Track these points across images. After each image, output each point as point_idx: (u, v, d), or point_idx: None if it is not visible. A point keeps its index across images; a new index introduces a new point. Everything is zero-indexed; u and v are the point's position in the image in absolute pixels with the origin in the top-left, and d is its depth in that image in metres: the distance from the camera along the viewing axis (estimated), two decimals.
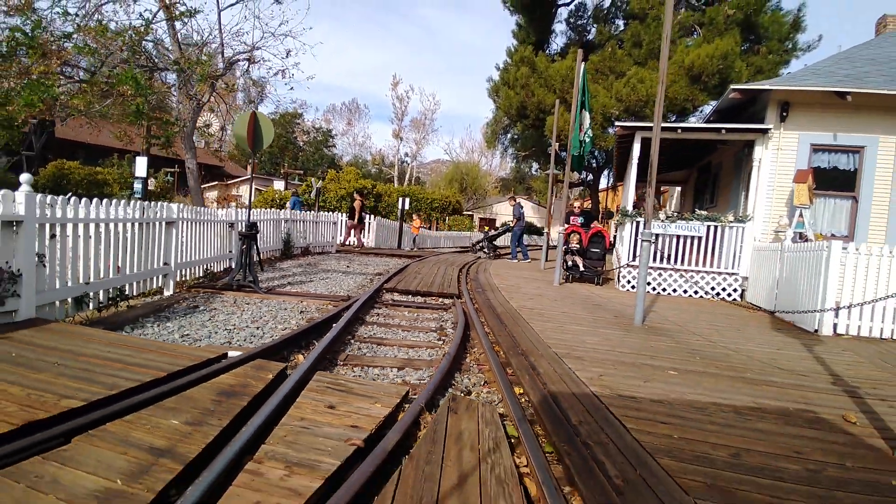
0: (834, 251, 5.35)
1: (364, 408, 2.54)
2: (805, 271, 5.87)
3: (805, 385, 3.48)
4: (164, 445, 1.96)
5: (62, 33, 9.53)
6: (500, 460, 2.12)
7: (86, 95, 9.64)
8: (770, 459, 2.24)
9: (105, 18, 10.38)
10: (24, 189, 3.62)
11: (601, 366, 3.62)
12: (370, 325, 4.97)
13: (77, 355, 2.94)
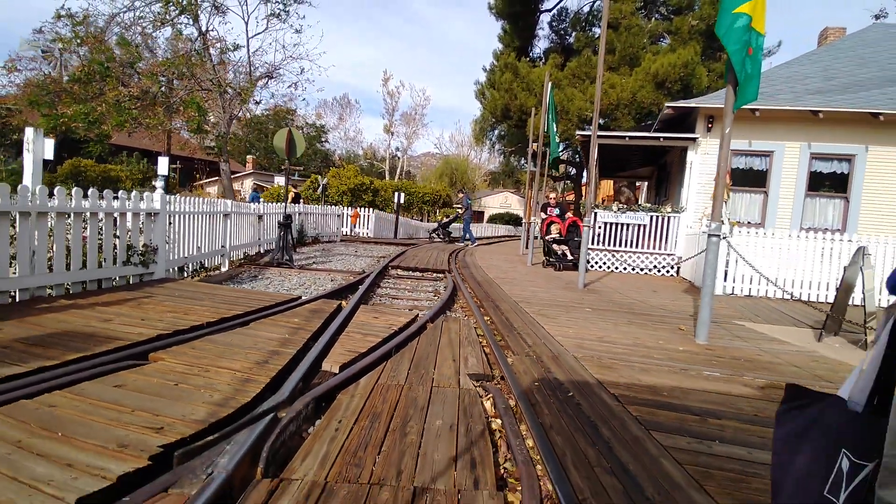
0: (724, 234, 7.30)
1: (393, 318, 4.39)
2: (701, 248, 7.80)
3: (668, 316, 5.39)
4: (298, 323, 3.80)
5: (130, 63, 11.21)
6: (470, 337, 3.98)
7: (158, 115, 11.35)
8: (620, 338, 4.13)
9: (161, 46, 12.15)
10: (158, 191, 5.40)
11: (542, 305, 5.50)
12: (384, 287, 6.82)
13: (214, 295, 4.76)
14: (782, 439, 1.40)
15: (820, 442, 1.26)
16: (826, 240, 7.59)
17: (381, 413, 2.38)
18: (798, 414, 1.37)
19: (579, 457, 2.06)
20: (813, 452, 1.27)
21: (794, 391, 1.39)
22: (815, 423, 1.28)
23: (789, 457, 1.33)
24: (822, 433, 1.26)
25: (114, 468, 1.70)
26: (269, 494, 1.63)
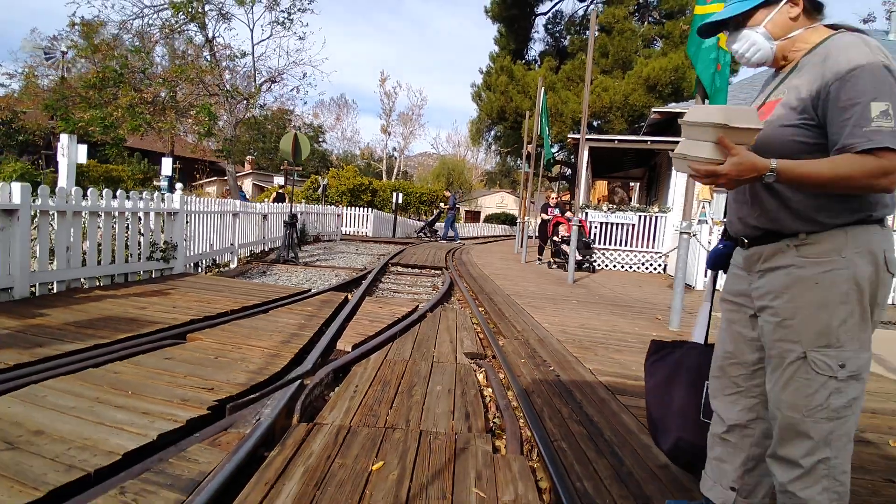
0: (703, 232, 7.77)
1: (396, 308, 4.83)
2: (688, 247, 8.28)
3: (648, 308, 5.85)
4: (311, 313, 4.24)
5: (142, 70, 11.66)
6: (466, 324, 4.43)
7: (170, 120, 11.79)
8: (600, 325, 4.58)
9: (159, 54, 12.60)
10: (178, 192, 5.82)
11: (532, 298, 5.95)
12: (386, 282, 7.26)
13: (232, 287, 5.20)
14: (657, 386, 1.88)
15: (687, 379, 1.74)
16: None
17: (391, 381, 2.82)
18: (663, 364, 1.85)
19: (554, 413, 2.51)
20: (685, 389, 1.75)
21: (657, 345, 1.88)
22: (680, 366, 1.77)
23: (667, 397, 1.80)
24: (686, 372, 1.74)
25: (181, 415, 2.14)
26: (307, 433, 2.08)
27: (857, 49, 1.19)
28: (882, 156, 1.11)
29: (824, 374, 1.22)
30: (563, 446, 2.14)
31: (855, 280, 1.22)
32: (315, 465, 1.83)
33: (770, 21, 1.33)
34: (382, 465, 1.87)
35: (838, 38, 1.25)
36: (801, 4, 1.31)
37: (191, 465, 1.78)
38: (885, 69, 1.15)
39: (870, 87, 1.14)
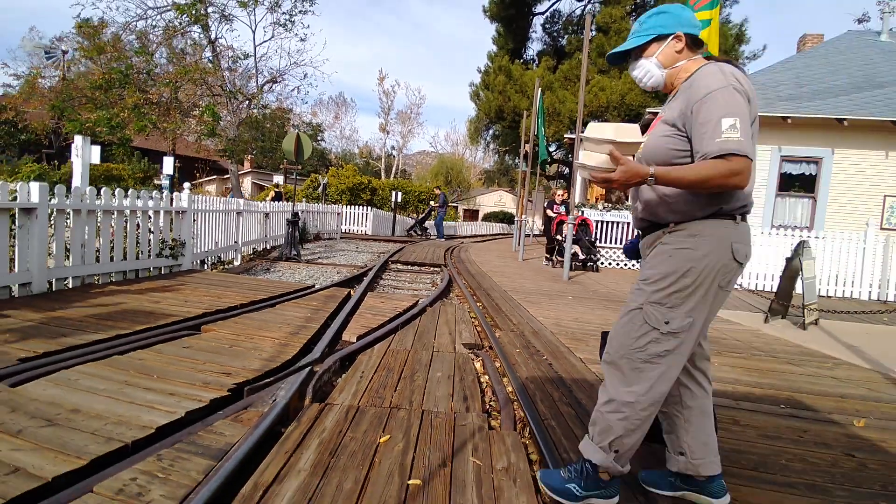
0: None
1: (397, 302, 5.03)
2: None
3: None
4: (316, 307, 4.44)
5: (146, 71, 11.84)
6: (464, 318, 4.63)
7: (176, 120, 11.98)
8: (593, 319, 4.79)
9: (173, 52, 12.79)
10: (186, 191, 6.01)
11: (529, 294, 6.16)
12: (386, 279, 7.46)
13: (239, 283, 5.39)
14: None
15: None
16: (794, 237, 8.28)
17: (394, 368, 3.02)
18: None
19: (546, 396, 2.71)
20: None
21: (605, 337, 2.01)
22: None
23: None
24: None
25: (204, 395, 2.34)
26: (320, 412, 2.28)
27: (714, 76, 1.47)
28: (731, 160, 1.38)
29: (650, 325, 1.55)
30: (552, 424, 2.35)
31: (700, 260, 1.51)
32: (328, 438, 2.04)
33: (661, 53, 1.64)
34: (389, 439, 2.07)
35: (704, 67, 1.53)
36: (683, 40, 1.61)
37: (217, 437, 1.98)
38: (734, 91, 1.44)
39: (721, 107, 1.42)
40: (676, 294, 1.53)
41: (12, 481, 1.61)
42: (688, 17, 1.64)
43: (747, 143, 1.40)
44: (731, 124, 1.39)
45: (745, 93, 1.46)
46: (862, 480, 1.98)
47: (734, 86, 1.44)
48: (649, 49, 1.65)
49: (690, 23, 1.63)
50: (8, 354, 2.73)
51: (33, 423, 1.99)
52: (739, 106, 1.42)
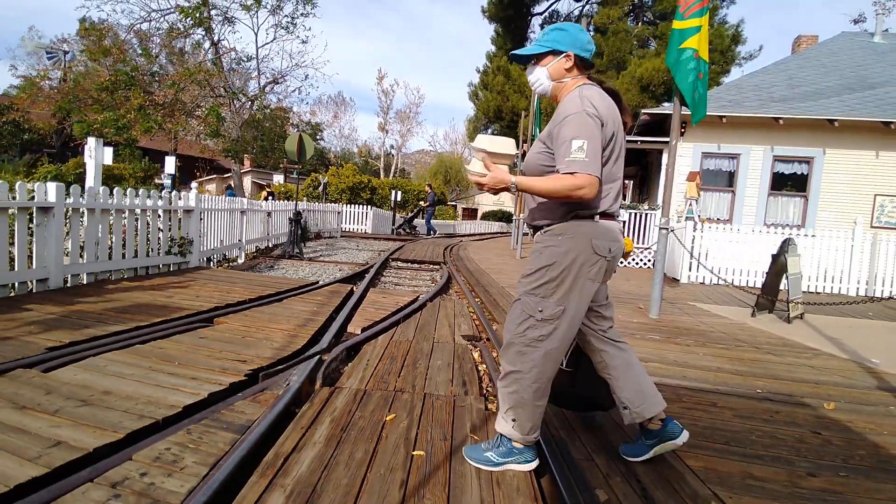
0: (688, 230, 8.19)
1: (398, 298, 5.23)
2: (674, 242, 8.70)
3: (632, 299, 6.27)
4: (321, 301, 4.64)
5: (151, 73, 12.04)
6: (463, 312, 4.83)
7: (181, 121, 12.17)
8: None
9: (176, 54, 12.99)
10: (193, 191, 6.20)
11: None
12: (387, 276, 7.65)
13: (246, 279, 5.58)
14: None
15: None
16: (781, 234, 8.49)
17: (397, 357, 3.22)
18: None
19: None
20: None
21: None
22: None
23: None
24: None
25: (224, 380, 2.54)
26: (330, 394, 2.48)
27: (573, 103, 1.72)
28: (575, 176, 1.64)
29: (527, 313, 1.80)
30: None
31: (564, 255, 1.76)
32: (339, 416, 2.24)
33: (552, 66, 1.86)
34: (394, 417, 2.27)
35: (570, 94, 1.79)
36: (573, 60, 1.84)
37: (239, 415, 2.18)
38: (587, 116, 1.67)
39: (573, 130, 1.67)
40: (546, 285, 1.78)
41: (56, 453, 1.80)
42: (583, 40, 1.86)
43: (592, 163, 1.64)
44: (579, 146, 1.64)
45: (599, 117, 1.69)
46: (825, 454, 2.19)
47: (588, 111, 1.68)
48: (545, 59, 1.87)
49: (584, 46, 1.85)
50: (36, 344, 2.92)
51: (69, 404, 2.18)
52: (589, 129, 1.66)
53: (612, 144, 1.76)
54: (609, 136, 1.73)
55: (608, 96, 1.81)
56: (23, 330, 3.16)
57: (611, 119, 1.74)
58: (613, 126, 1.75)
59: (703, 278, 8.39)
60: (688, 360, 3.54)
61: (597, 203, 1.78)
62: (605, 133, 1.72)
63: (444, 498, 1.67)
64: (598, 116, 1.69)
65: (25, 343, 2.91)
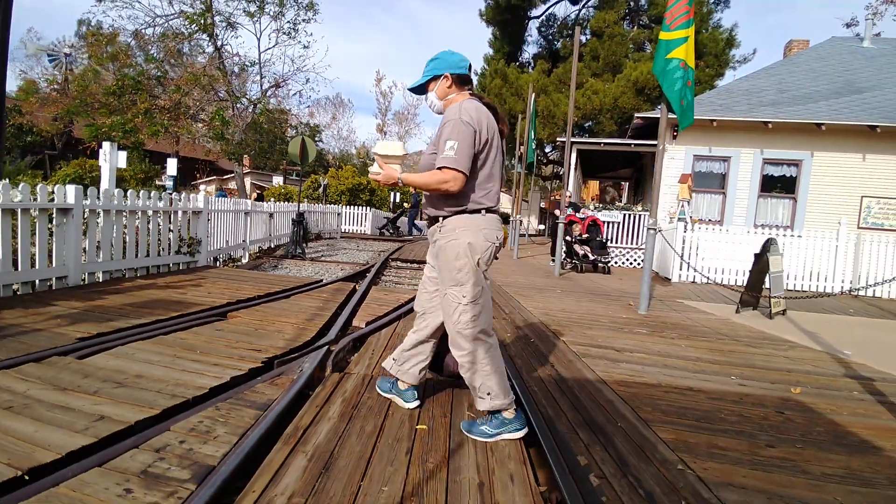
0: (678, 231, 8.45)
1: (399, 295, 5.48)
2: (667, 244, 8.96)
3: (624, 297, 6.53)
4: (326, 298, 4.89)
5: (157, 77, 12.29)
6: None
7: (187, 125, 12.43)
8: (578, 309, 5.25)
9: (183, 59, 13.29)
10: (202, 193, 6.44)
11: (521, 288, 6.61)
12: (388, 276, 7.90)
13: (253, 278, 5.83)
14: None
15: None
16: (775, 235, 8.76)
17: None
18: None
19: (529, 367, 3.17)
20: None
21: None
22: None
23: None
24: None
25: (243, 366, 2.79)
26: (340, 378, 2.72)
27: (452, 112, 2.08)
28: (443, 171, 2.01)
29: (455, 302, 2.11)
30: (535, 389, 2.81)
31: (464, 246, 2.09)
32: (350, 396, 2.48)
33: (437, 89, 2.24)
34: None
35: (451, 105, 2.15)
36: (451, 79, 2.21)
37: (259, 395, 2.43)
38: (461, 122, 2.02)
39: (448, 133, 2.03)
40: (459, 274, 2.10)
41: (100, 425, 2.04)
42: (454, 60, 2.22)
43: (459, 160, 2.00)
44: (451, 146, 2.01)
45: (472, 124, 2.03)
46: (785, 430, 2.44)
47: (463, 119, 2.03)
48: (431, 85, 2.25)
49: (457, 65, 2.21)
50: (66, 335, 3.16)
51: (106, 385, 2.43)
52: (462, 134, 2.01)
53: (487, 149, 2.10)
54: (483, 141, 2.08)
55: (485, 108, 2.16)
56: (51, 323, 3.40)
57: (485, 127, 2.08)
58: (488, 133, 2.09)
59: (694, 277, 8.66)
60: (670, 350, 3.80)
61: (480, 200, 2.14)
62: (480, 139, 2.07)
63: (444, 462, 1.92)
64: (471, 124, 2.03)
65: (56, 334, 3.15)
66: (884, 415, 2.74)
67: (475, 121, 2.04)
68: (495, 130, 2.15)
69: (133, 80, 11.71)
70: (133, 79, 11.73)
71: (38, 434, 1.92)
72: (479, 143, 2.06)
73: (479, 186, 2.13)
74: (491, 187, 2.15)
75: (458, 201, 2.12)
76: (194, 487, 1.63)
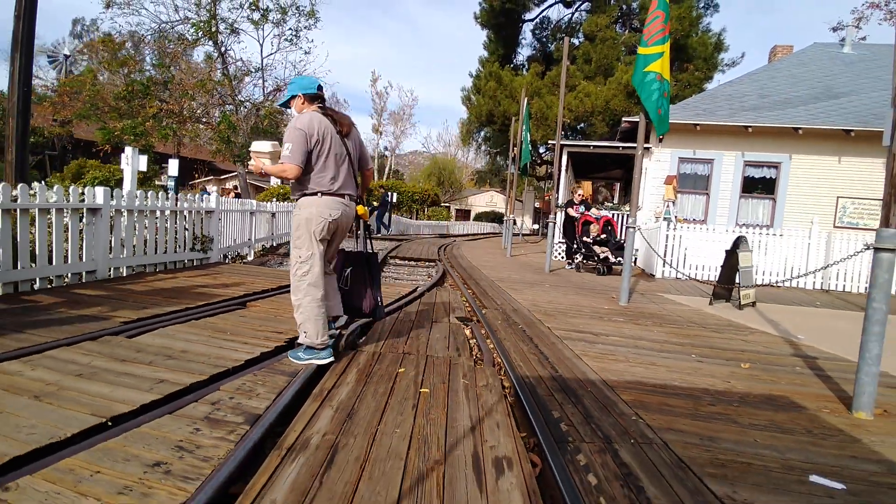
0: (662, 230, 8.96)
1: (400, 288, 5.93)
2: (651, 242, 9.47)
3: (608, 291, 7.01)
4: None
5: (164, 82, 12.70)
6: (457, 300, 5.55)
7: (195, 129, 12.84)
8: (564, 301, 5.72)
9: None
10: (214, 194, 6.87)
11: (513, 283, 7.09)
12: (388, 272, 8.36)
13: (264, 273, 6.27)
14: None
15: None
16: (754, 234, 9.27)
17: (403, 332, 3.93)
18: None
19: (517, 349, 3.64)
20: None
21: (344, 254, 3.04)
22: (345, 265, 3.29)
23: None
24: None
25: (269, 344, 3.24)
26: (353, 354, 3.18)
27: (294, 121, 2.82)
28: (283, 165, 2.76)
29: (295, 259, 2.89)
30: (520, 363, 3.28)
31: (304, 219, 2.85)
32: (363, 367, 2.95)
33: (295, 105, 2.98)
34: (404, 370, 2.98)
35: (297, 116, 2.88)
36: (302, 98, 2.94)
37: (287, 366, 2.88)
38: (295, 129, 2.75)
39: (287, 137, 2.77)
40: (299, 239, 2.89)
41: (162, 386, 2.49)
42: (305, 84, 2.97)
43: (293, 157, 2.72)
44: (289, 147, 2.74)
45: (303, 129, 2.75)
46: (727, 394, 2.93)
47: (298, 127, 2.76)
48: (291, 102, 3.00)
49: (307, 87, 2.95)
50: (110, 319, 3.60)
51: (158, 358, 2.87)
52: (296, 138, 2.73)
53: (318, 148, 2.82)
54: (315, 141, 2.79)
55: (321, 117, 2.86)
56: (94, 310, 3.83)
57: (317, 131, 2.80)
58: (319, 135, 2.80)
59: (676, 274, 9.17)
60: (642, 335, 4.28)
61: (316, 185, 2.85)
62: (311, 140, 2.78)
63: (443, 415, 2.38)
64: (302, 129, 2.75)
65: (102, 319, 3.59)
66: (816, 385, 3.23)
67: (306, 126, 2.77)
68: (330, 132, 2.85)
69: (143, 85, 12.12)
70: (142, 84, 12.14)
71: (111, 393, 2.36)
72: (310, 143, 2.78)
73: (316, 174, 2.85)
74: (325, 175, 2.86)
75: (302, 186, 2.87)
76: (248, 428, 2.09)
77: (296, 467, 1.80)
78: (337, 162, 2.89)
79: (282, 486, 1.66)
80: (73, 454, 1.80)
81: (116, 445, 1.87)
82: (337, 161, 2.89)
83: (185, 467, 1.75)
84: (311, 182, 2.85)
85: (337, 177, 2.90)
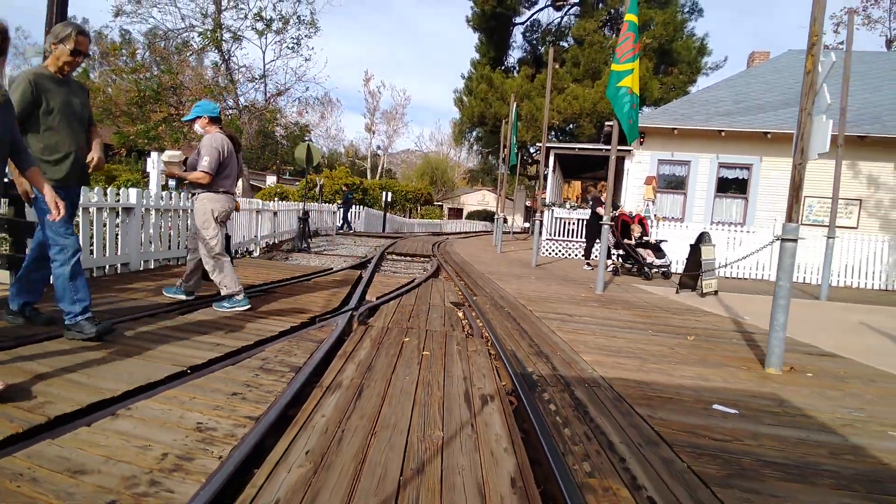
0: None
1: (399, 279, 6.60)
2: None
3: (588, 282, 7.72)
4: (340, 281, 6.00)
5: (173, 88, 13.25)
6: (451, 289, 6.23)
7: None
8: (547, 290, 6.42)
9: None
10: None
11: (501, 275, 7.78)
12: (386, 266, 9.02)
13: (276, 266, 6.91)
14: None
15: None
16: (728, 231, 10.06)
17: (405, 312, 4.61)
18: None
19: (503, 326, 4.33)
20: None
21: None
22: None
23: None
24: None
25: (296, 321, 3.91)
26: (366, 329, 3.86)
27: (208, 139, 4.05)
28: (202, 173, 3.99)
29: (204, 238, 4.08)
30: (504, 336, 3.97)
31: (210, 210, 4.06)
32: (375, 337, 3.62)
33: (199, 123, 4.12)
34: (408, 339, 3.66)
35: (208, 135, 4.09)
36: (206, 119, 4.10)
37: (314, 336, 3.55)
38: (212, 147, 3.99)
39: (206, 151, 4.01)
40: (207, 222, 4.04)
41: (220, 347, 3.13)
42: (209, 108, 4.14)
43: (209, 167, 3.93)
44: (206, 160, 3.95)
45: (218, 148, 3.97)
46: (669, 356, 3.63)
47: (213, 145, 3.97)
48: (196, 121, 4.10)
49: (211, 110, 4.12)
50: (157, 302, 4.23)
51: (209, 329, 3.53)
52: (212, 153, 3.95)
53: (226, 161, 4.03)
54: (224, 157, 4.01)
55: (226, 138, 4.08)
56: (139, 295, 4.47)
57: (224, 149, 4.02)
58: (225, 153, 4.03)
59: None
60: (610, 316, 4.99)
61: (217, 186, 4.03)
62: (222, 156, 3.99)
63: (441, 369, 3.06)
64: (217, 148, 3.96)
65: (149, 302, 4.23)
66: (745, 351, 3.96)
67: (220, 146, 4.00)
68: (231, 151, 4.10)
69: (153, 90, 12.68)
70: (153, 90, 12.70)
71: (182, 352, 3.01)
72: (222, 157, 3.99)
73: (220, 179, 4.04)
74: (227, 180, 4.10)
75: (208, 187, 4.02)
76: (294, 374, 2.76)
77: (335, 398, 2.47)
78: (233, 170, 4.15)
79: (328, 407, 2.34)
80: (171, 388, 2.45)
81: (202, 383, 2.53)
82: (233, 169, 4.15)
83: (256, 396, 2.42)
84: (216, 184, 4.04)
85: (233, 181, 4.17)
